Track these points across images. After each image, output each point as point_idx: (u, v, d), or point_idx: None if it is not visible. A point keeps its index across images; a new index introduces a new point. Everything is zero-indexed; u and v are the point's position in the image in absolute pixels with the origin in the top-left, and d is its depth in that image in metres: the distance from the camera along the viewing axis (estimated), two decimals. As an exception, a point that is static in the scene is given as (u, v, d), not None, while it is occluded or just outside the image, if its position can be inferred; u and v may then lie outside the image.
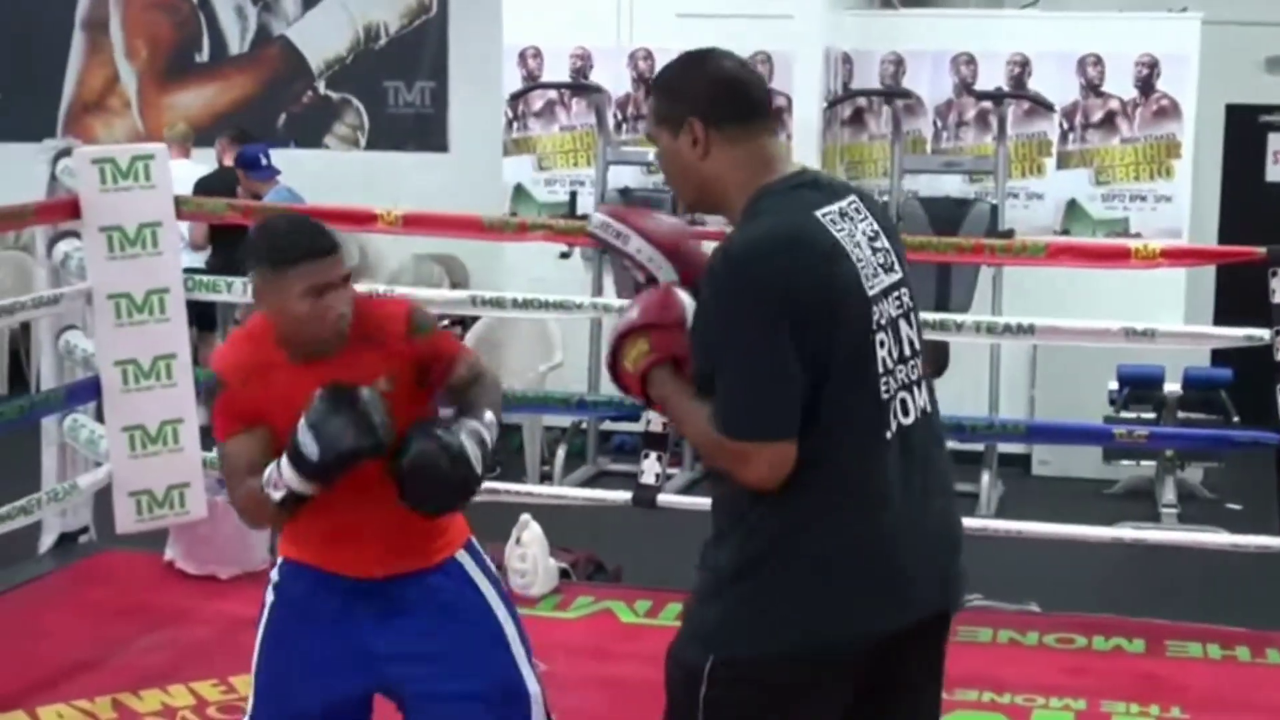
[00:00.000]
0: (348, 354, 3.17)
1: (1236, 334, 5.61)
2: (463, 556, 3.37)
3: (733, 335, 2.57)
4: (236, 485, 3.19)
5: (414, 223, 5.91)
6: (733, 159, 2.69)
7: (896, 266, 2.72)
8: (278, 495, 3.07)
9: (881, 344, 2.64)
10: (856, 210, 2.71)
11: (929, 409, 2.74)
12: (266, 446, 3.15)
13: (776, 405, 2.56)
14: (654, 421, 5.55)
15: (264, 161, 8.85)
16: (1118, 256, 5.63)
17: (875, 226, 2.72)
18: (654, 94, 2.77)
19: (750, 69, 2.79)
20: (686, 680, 2.68)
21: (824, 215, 2.66)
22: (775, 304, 2.54)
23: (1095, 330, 5.63)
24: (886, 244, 2.72)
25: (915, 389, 2.70)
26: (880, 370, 2.63)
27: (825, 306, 2.57)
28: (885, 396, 2.64)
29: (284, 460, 3.05)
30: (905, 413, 2.67)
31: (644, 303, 2.77)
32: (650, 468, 5.62)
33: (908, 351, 2.69)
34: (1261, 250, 5.43)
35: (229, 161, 9.41)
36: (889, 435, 2.64)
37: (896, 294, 2.70)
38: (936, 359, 2.77)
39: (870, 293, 2.64)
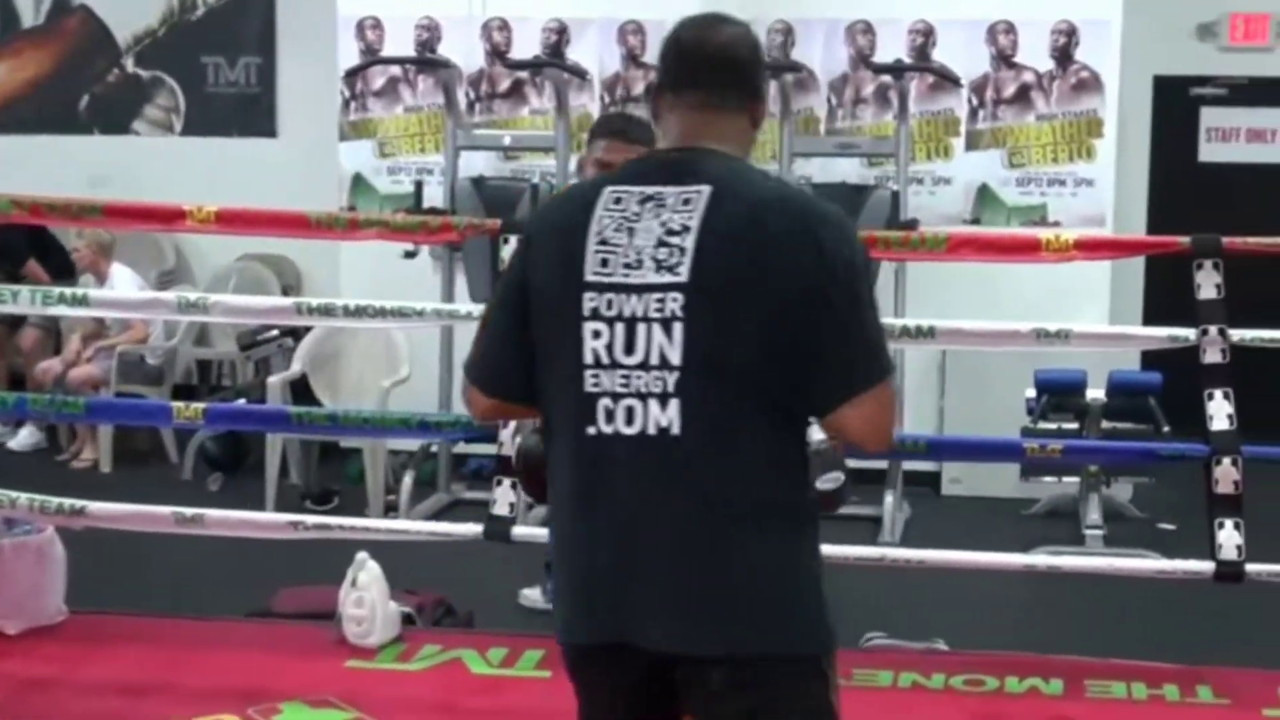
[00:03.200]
0: None
1: (1160, 334, 5.67)
2: None
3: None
4: None
5: (229, 220, 5.82)
6: (661, 127, 3.02)
7: (683, 270, 2.78)
8: None
9: (596, 335, 2.82)
10: (685, 203, 2.83)
11: (681, 433, 2.78)
12: None
13: (480, 351, 3.05)
14: (507, 444, 5.52)
15: None
16: (1027, 249, 5.67)
17: (690, 224, 2.81)
18: None
19: (707, 37, 2.97)
20: None
21: (610, 190, 2.90)
22: (510, 270, 3.03)
23: (1003, 332, 5.66)
24: (688, 246, 2.79)
25: (657, 403, 2.79)
26: (588, 362, 2.83)
27: (538, 277, 2.91)
28: (590, 390, 2.83)
29: None
30: (618, 421, 2.81)
31: None
32: (504, 496, 5.58)
33: (654, 360, 2.78)
34: (1185, 240, 5.50)
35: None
36: (591, 432, 2.83)
37: (661, 296, 2.79)
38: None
39: (590, 278, 2.83)
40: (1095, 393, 8.27)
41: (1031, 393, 8.35)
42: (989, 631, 6.40)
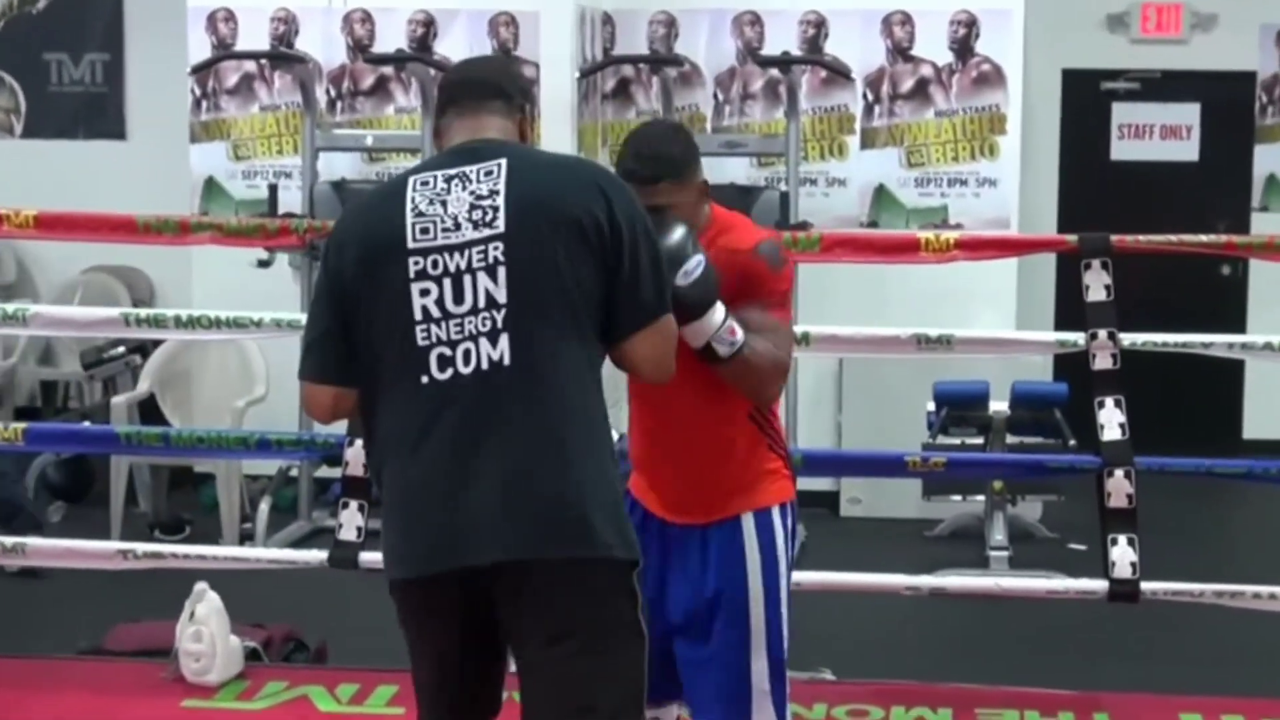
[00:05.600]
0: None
1: (1047, 339, 5.74)
2: (747, 520, 3.99)
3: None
4: None
5: (50, 224, 5.78)
6: (447, 140, 3.59)
7: (499, 223, 3.36)
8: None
9: (425, 293, 3.36)
10: (487, 174, 3.42)
11: (512, 362, 3.33)
12: None
13: (310, 350, 3.53)
14: (353, 464, 5.50)
15: None
16: (906, 250, 5.69)
17: (496, 188, 3.40)
18: None
19: (470, 68, 3.90)
20: None
21: (415, 178, 3.46)
22: (325, 266, 3.51)
23: (881, 338, 5.68)
24: (500, 204, 3.38)
25: (488, 340, 3.34)
26: (418, 318, 3.35)
27: (356, 260, 3.42)
28: (422, 344, 3.35)
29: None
30: (457, 363, 3.33)
31: None
32: (350, 520, 5.56)
33: (482, 303, 3.34)
34: (1073, 239, 5.54)
35: None
36: (424, 381, 3.35)
37: (482, 249, 3.36)
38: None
39: (414, 245, 3.37)
40: (999, 405, 8.29)
41: (932, 405, 8.36)
42: (880, 659, 6.44)
